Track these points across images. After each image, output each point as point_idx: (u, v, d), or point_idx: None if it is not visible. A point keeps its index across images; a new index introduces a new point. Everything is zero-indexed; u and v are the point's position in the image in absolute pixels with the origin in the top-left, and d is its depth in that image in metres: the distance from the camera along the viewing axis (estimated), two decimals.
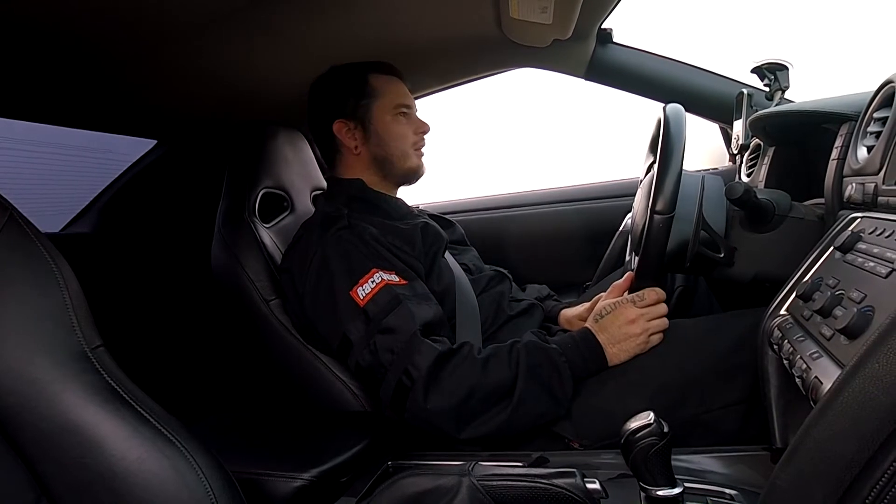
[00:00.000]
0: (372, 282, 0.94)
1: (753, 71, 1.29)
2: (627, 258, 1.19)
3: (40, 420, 0.52)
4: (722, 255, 0.90)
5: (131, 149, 1.56)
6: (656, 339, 0.94)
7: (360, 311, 0.93)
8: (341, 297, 0.95)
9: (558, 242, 1.82)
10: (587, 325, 0.98)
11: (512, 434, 0.89)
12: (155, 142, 1.55)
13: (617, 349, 0.93)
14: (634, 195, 1.19)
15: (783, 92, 1.26)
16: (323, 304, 0.98)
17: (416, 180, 1.22)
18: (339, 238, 1.00)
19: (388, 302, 0.92)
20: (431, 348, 0.89)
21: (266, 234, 1.13)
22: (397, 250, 1.02)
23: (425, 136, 1.20)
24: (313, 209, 1.29)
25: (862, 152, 0.73)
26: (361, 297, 0.93)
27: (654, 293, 0.95)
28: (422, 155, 1.20)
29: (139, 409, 0.56)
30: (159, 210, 1.65)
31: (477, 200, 1.96)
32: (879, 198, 0.65)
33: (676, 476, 0.59)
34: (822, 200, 0.85)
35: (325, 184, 1.38)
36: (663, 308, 0.95)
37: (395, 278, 0.96)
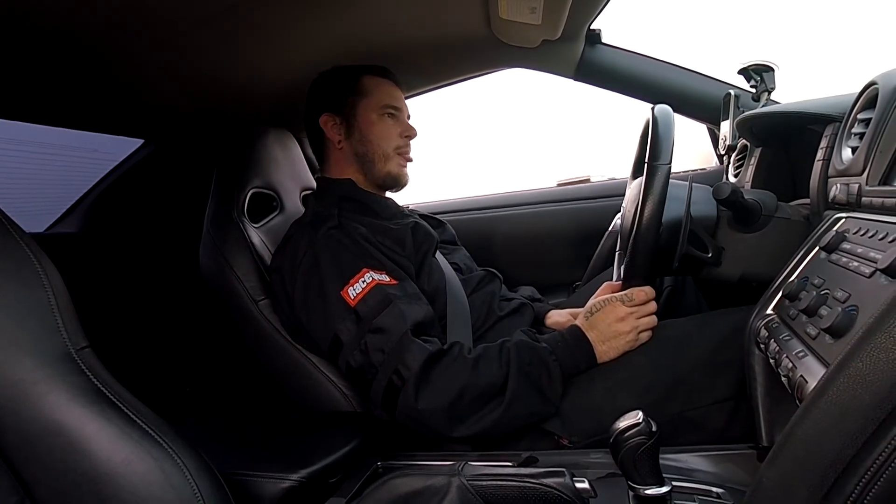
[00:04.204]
0: (363, 282, 0.94)
1: (740, 72, 1.30)
2: (616, 265, 1.19)
3: (24, 422, 0.51)
4: (709, 255, 0.91)
5: (118, 148, 1.54)
6: (645, 336, 0.95)
7: (351, 311, 0.93)
8: (332, 298, 0.94)
9: (548, 242, 1.83)
10: (577, 322, 0.98)
11: (503, 433, 0.90)
12: (142, 141, 1.54)
13: (606, 347, 0.94)
14: (623, 196, 1.20)
15: (769, 93, 1.27)
16: (313, 304, 0.97)
17: (398, 188, 1.21)
18: (330, 238, 0.99)
19: (378, 302, 0.92)
20: (422, 348, 0.89)
21: (255, 234, 1.13)
22: (388, 250, 1.02)
23: (412, 143, 1.20)
24: (303, 209, 1.28)
25: (846, 153, 0.74)
26: (352, 297, 0.93)
27: (642, 292, 0.96)
28: (405, 164, 1.19)
29: (125, 410, 0.56)
30: (147, 210, 1.64)
31: (467, 200, 1.96)
32: (863, 198, 0.66)
33: (664, 475, 0.59)
34: (807, 201, 0.86)
35: (314, 184, 1.37)
36: (652, 306, 0.96)
37: (385, 278, 0.96)
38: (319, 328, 0.97)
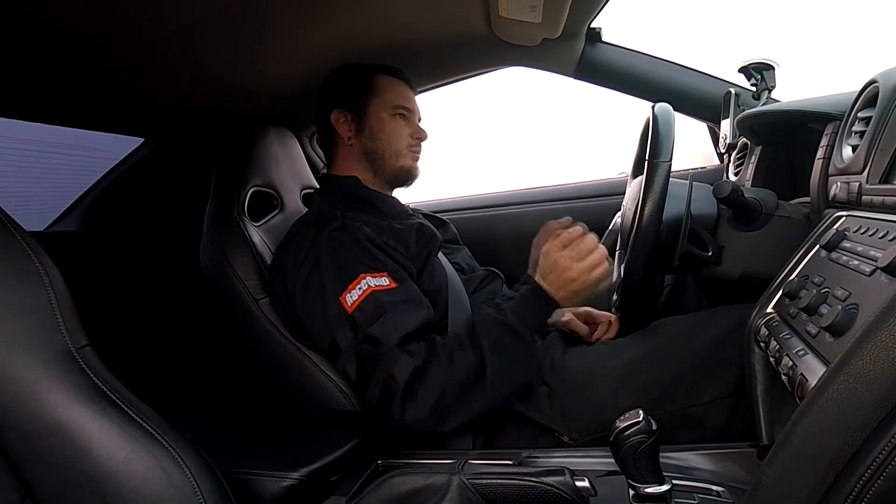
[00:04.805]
0: (359, 288, 0.93)
1: (740, 71, 1.30)
2: (616, 264, 1.19)
3: (24, 420, 0.51)
4: (710, 253, 0.91)
5: (117, 147, 1.54)
6: (600, 271, 0.94)
7: (348, 319, 0.93)
8: (331, 303, 0.94)
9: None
10: (535, 278, 0.97)
11: (498, 409, 0.92)
12: (142, 140, 1.54)
13: (564, 293, 0.94)
14: (623, 194, 1.20)
15: (770, 91, 1.27)
16: (313, 306, 0.97)
17: (409, 182, 1.21)
18: (333, 239, 0.99)
19: (373, 311, 0.92)
20: (408, 362, 0.89)
21: (255, 233, 1.13)
22: (391, 250, 1.02)
23: (422, 144, 1.20)
24: (303, 208, 1.28)
25: (847, 151, 0.74)
26: (349, 304, 0.93)
27: (568, 233, 0.96)
28: (416, 158, 1.19)
29: (126, 408, 0.56)
30: (147, 208, 1.64)
31: (468, 199, 1.96)
32: (864, 196, 0.66)
33: (664, 473, 0.59)
34: (808, 199, 0.86)
35: (315, 183, 1.37)
36: (590, 242, 0.95)
37: (384, 282, 0.95)
38: (319, 331, 0.98)
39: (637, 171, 1.15)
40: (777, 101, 1.28)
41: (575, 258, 0.93)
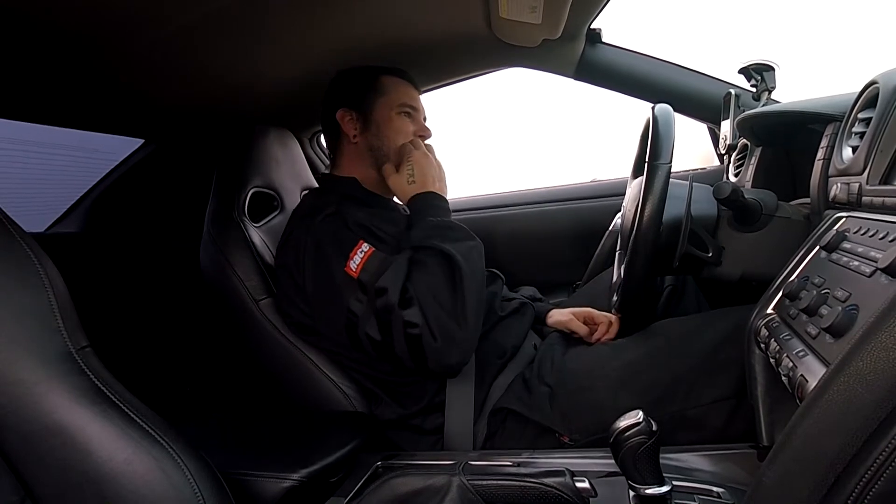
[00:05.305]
0: (361, 252, 0.96)
1: (740, 72, 1.30)
2: (616, 264, 1.19)
3: (25, 422, 0.51)
4: (710, 254, 0.91)
5: (118, 148, 1.54)
6: (431, 153, 1.13)
7: (356, 283, 0.94)
8: (339, 276, 0.95)
9: (548, 242, 1.83)
10: (413, 193, 1.07)
11: (483, 289, 0.98)
12: (142, 141, 1.54)
13: (439, 186, 1.09)
14: (624, 195, 1.20)
15: (770, 92, 1.27)
16: (325, 288, 0.98)
17: None
18: (327, 223, 1.01)
19: (377, 266, 0.94)
20: (414, 304, 0.91)
21: (256, 234, 1.13)
22: (385, 234, 1.03)
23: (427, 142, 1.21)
24: None
25: (847, 152, 0.74)
26: (354, 270, 0.94)
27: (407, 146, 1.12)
28: None
29: (126, 410, 0.56)
30: (147, 209, 1.64)
31: (467, 200, 1.96)
32: (864, 197, 0.66)
33: (665, 474, 0.59)
34: (808, 200, 0.86)
35: (315, 184, 1.37)
36: (418, 141, 1.13)
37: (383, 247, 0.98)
38: (335, 310, 0.97)
39: (637, 172, 1.16)
40: (777, 102, 1.28)
41: (419, 152, 1.10)
